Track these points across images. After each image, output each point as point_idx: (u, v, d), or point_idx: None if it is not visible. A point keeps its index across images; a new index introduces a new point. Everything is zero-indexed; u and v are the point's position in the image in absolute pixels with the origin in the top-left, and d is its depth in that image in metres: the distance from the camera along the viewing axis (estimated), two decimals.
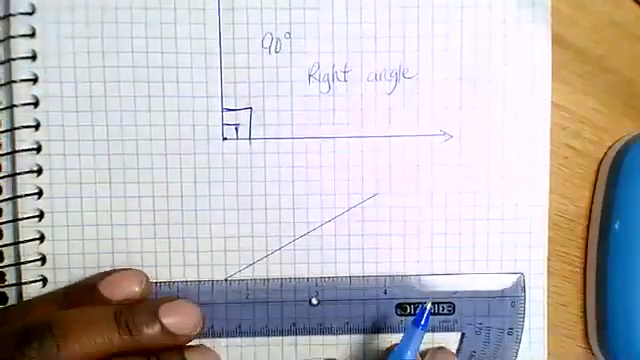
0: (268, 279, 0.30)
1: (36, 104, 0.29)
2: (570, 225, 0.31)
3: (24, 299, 0.29)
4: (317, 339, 0.30)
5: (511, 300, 0.30)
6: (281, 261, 0.30)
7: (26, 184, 0.29)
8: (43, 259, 0.29)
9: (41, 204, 0.29)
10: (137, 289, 0.28)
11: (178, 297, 0.29)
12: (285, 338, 0.30)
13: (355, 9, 0.29)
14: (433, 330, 0.30)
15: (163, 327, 0.26)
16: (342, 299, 0.30)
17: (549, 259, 0.30)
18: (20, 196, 0.29)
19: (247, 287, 0.30)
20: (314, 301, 0.30)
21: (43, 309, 0.27)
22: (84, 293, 0.28)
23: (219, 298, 0.30)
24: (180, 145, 0.29)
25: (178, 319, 0.26)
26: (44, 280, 0.29)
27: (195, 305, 0.28)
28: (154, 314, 0.26)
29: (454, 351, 0.30)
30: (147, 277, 0.29)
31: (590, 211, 0.31)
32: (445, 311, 0.30)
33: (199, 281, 0.30)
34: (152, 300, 0.28)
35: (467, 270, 0.30)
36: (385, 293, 0.30)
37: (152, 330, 0.26)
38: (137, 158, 0.29)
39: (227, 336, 0.30)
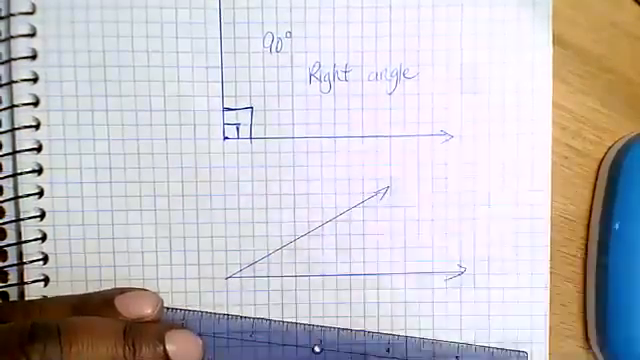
0: (271, 320, 0.30)
1: (36, 103, 0.29)
2: (570, 225, 0.31)
3: (26, 298, 0.29)
4: None
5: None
6: (282, 261, 0.30)
7: (27, 184, 0.29)
8: (45, 258, 0.29)
9: (42, 204, 0.29)
10: (150, 311, 0.28)
11: (184, 326, 0.29)
12: None
13: (356, 8, 0.29)
14: None
15: (165, 352, 0.26)
16: (344, 351, 0.30)
17: (549, 259, 0.30)
18: (21, 196, 0.29)
19: (252, 326, 0.30)
20: (317, 349, 0.30)
21: (56, 311, 0.27)
22: (99, 304, 0.27)
23: (220, 329, 0.30)
24: (181, 144, 0.29)
25: (181, 348, 0.27)
26: (46, 279, 0.29)
27: (199, 338, 0.28)
28: (160, 338, 0.26)
29: None
30: (162, 302, 0.29)
31: (590, 211, 0.31)
32: None
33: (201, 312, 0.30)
34: (161, 324, 0.28)
35: (469, 269, 0.30)
36: (388, 351, 0.30)
37: (154, 353, 0.26)
38: (138, 157, 0.29)
39: None
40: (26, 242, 0.29)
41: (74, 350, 0.24)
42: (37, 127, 0.29)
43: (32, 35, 0.28)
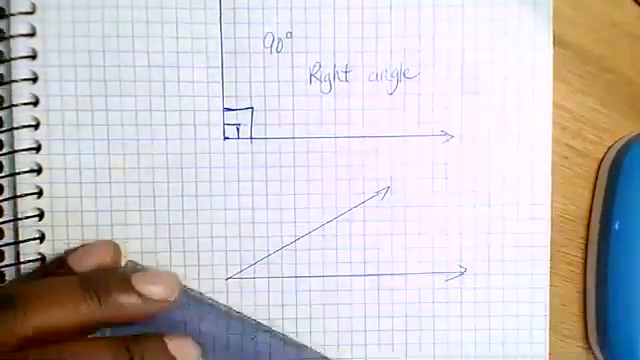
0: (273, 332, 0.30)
1: (36, 103, 0.29)
2: (570, 225, 0.31)
3: None
4: None
5: None
6: (282, 261, 0.30)
7: (26, 184, 0.29)
8: (43, 259, 0.29)
9: (41, 203, 0.29)
10: (104, 259, 0.27)
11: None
12: None
13: (356, 9, 0.29)
14: None
15: (135, 292, 0.25)
16: None
17: (549, 259, 0.30)
18: (20, 195, 0.29)
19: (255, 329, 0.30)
20: None
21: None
22: (53, 268, 0.27)
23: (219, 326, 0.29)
24: (181, 145, 0.29)
25: (154, 286, 0.26)
26: None
27: (171, 273, 0.27)
28: (125, 280, 0.25)
29: None
30: (118, 246, 0.28)
31: (590, 211, 0.31)
32: None
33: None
34: (124, 269, 0.28)
35: (470, 269, 0.30)
36: None
37: (123, 295, 0.25)
38: (138, 157, 0.29)
39: None
40: (24, 242, 0.29)
41: (30, 315, 0.23)
42: (36, 127, 0.29)
43: (32, 35, 0.28)
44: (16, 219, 0.29)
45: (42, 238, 0.29)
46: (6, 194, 0.29)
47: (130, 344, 0.25)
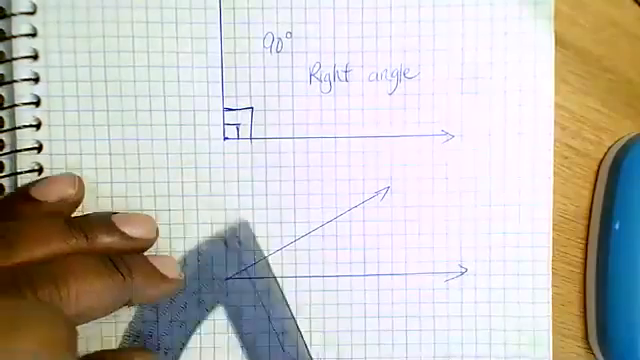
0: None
1: (37, 103, 0.29)
2: (570, 225, 0.31)
3: None
4: None
5: None
6: (282, 261, 0.30)
7: None
8: None
9: None
10: (71, 191, 0.27)
11: None
12: None
13: (356, 8, 0.29)
14: None
15: (118, 231, 0.26)
16: None
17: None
18: None
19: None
20: None
21: None
22: (16, 200, 0.27)
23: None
24: (181, 145, 0.29)
25: (134, 226, 0.27)
26: None
27: (147, 215, 0.28)
28: (107, 221, 0.26)
29: None
30: (80, 179, 0.28)
31: (590, 211, 0.31)
32: None
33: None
34: (101, 212, 0.28)
35: (470, 269, 0.30)
36: None
37: (108, 233, 0.26)
38: (138, 157, 0.29)
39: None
40: None
41: (19, 248, 0.24)
42: (38, 127, 0.29)
43: (33, 35, 0.28)
44: None
45: None
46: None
47: (114, 258, 0.26)
